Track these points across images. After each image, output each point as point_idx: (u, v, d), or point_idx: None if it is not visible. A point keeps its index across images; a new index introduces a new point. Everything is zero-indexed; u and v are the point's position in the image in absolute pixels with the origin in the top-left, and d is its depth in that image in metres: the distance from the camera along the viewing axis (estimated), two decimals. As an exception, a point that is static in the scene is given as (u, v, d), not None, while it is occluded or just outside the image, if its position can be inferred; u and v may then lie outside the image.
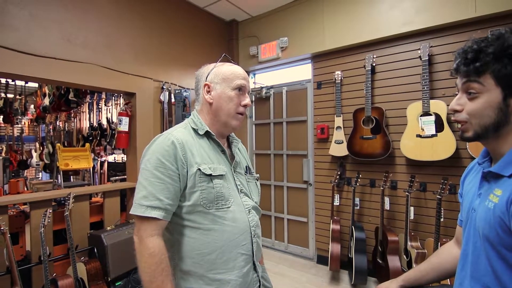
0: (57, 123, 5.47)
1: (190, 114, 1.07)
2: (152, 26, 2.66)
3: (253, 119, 3.64)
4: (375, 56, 2.60)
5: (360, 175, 2.60)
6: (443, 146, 2.19)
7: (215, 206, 0.89)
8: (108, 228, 2.22)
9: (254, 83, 3.61)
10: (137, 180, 0.88)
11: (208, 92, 0.98)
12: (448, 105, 2.19)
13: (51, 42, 2.00)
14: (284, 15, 3.15)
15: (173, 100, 2.75)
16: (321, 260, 2.99)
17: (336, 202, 2.76)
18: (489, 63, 0.67)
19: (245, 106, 0.99)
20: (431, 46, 2.32)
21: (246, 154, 1.18)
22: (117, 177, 3.55)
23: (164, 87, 2.67)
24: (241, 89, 0.98)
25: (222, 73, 0.98)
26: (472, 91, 0.71)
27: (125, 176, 2.84)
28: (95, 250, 2.10)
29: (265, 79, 3.57)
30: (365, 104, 2.57)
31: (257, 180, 1.11)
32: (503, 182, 0.68)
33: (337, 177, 2.73)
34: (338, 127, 2.78)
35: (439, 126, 2.21)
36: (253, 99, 3.60)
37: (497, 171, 0.69)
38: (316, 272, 2.83)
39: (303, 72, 3.21)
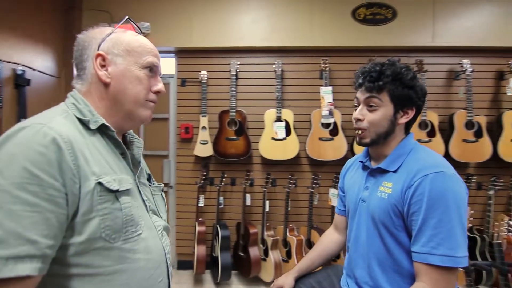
0: None
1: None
2: None
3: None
4: (239, 63, 2.77)
5: (225, 175, 2.70)
6: (290, 148, 2.64)
7: (123, 236, 0.62)
8: None
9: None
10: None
11: (103, 66, 0.69)
12: (295, 114, 2.66)
13: None
14: (147, -3, 2.79)
15: (-33, 73, 1.80)
16: (183, 265, 2.85)
17: (201, 203, 2.72)
18: (387, 83, 0.85)
19: (157, 92, 0.77)
20: (283, 63, 2.74)
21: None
22: None
23: (-50, 50, 1.70)
24: (152, 69, 0.74)
25: (126, 43, 0.70)
26: (373, 105, 0.88)
27: None
28: None
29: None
30: (230, 107, 2.69)
31: (163, 192, 0.90)
32: (390, 176, 0.88)
33: (202, 178, 2.70)
34: (204, 127, 2.76)
35: (287, 131, 2.65)
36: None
37: (385, 168, 0.90)
38: (178, 279, 2.67)
39: (166, 66, 2.96)
